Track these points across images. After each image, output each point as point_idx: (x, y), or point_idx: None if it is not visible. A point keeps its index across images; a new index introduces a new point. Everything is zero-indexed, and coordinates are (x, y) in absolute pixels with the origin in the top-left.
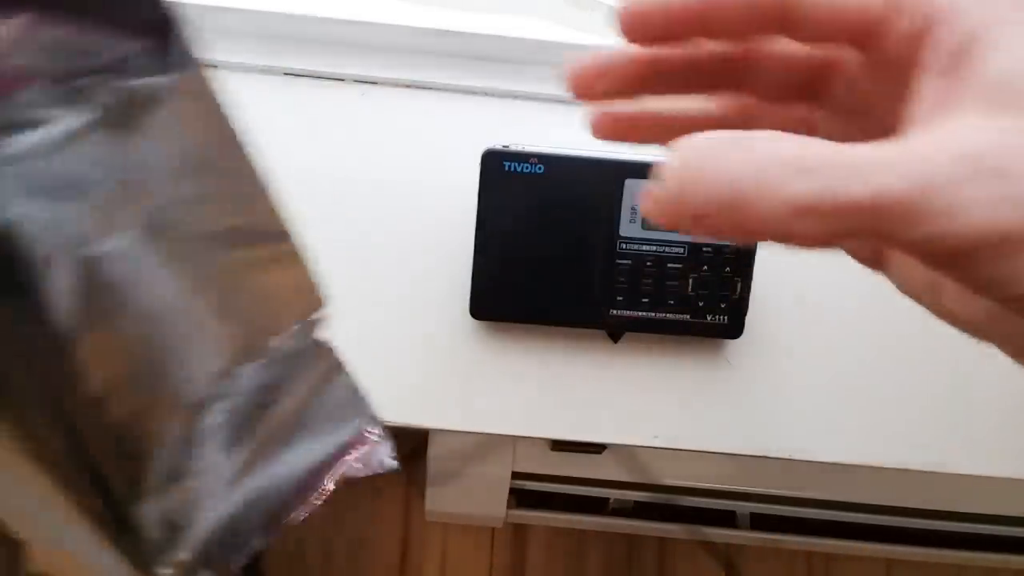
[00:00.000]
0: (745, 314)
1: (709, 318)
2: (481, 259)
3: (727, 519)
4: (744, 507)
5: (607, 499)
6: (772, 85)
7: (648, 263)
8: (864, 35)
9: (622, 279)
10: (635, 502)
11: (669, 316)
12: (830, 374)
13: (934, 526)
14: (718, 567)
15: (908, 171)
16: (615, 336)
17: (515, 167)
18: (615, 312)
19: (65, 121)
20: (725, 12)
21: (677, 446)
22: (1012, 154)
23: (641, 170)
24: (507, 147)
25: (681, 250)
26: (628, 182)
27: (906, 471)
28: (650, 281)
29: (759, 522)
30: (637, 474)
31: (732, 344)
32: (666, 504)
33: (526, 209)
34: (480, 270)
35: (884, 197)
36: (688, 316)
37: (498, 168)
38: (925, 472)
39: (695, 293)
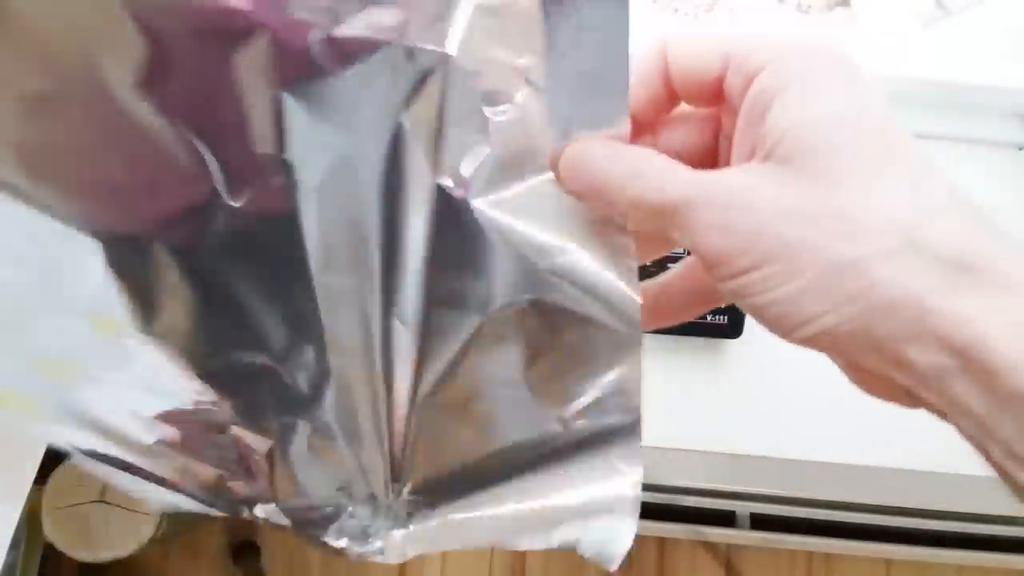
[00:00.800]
0: (745, 314)
1: (709, 318)
2: None
3: (727, 519)
4: (744, 507)
5: None
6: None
7: (648, 263)
8: (717, 93)
9: None
10: None
11: None
12: (829, 374)
13: (934, 526)
14: (718, 567)
15: (683, 191)
16: None
17: None
18: None
19: None
20: (640, 99)
21: (677, 446)
22: (739, 192)
23: None
24: None
25: (682, 249)
26: None
27: (906, 471)
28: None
29: (759, 522)
30: None
31: (732, 344)
32: (666, 504)
33: None
34: None
35: (665, 204)
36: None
37: None
38: (925, 472)
39: None
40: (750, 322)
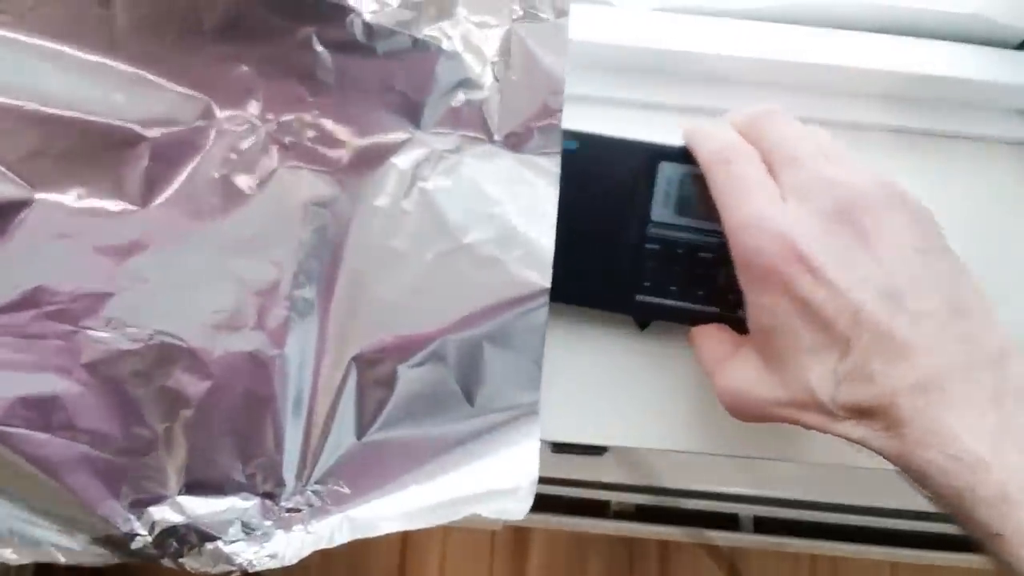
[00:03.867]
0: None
1: (739, 313)
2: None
3: (730, 522)
4: (747, 510)
5: (608, 502)
6: None
7: (679, 250)
8: None
9: (650, 264)
10: (637, 505)
11: (697, 307)
12: None
13: (939, 529)
14: (721, 570)
15: (713, 373)
16: (642, 323)
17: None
18: (641, 298)
19: None
20: None
21: (678, 448)
22: (737, 387)
23: (677, 155)
24: None
25: (715, 240)
26: (663, 165)
27: None
28: (679, 269)
29: (762, 525)
30: (639, 476)
31: None
32: (668, 507)
33: (570, 187)
34: None
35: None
36: (718, 309)
37: None
38: None
39: (726, 286)
40: None
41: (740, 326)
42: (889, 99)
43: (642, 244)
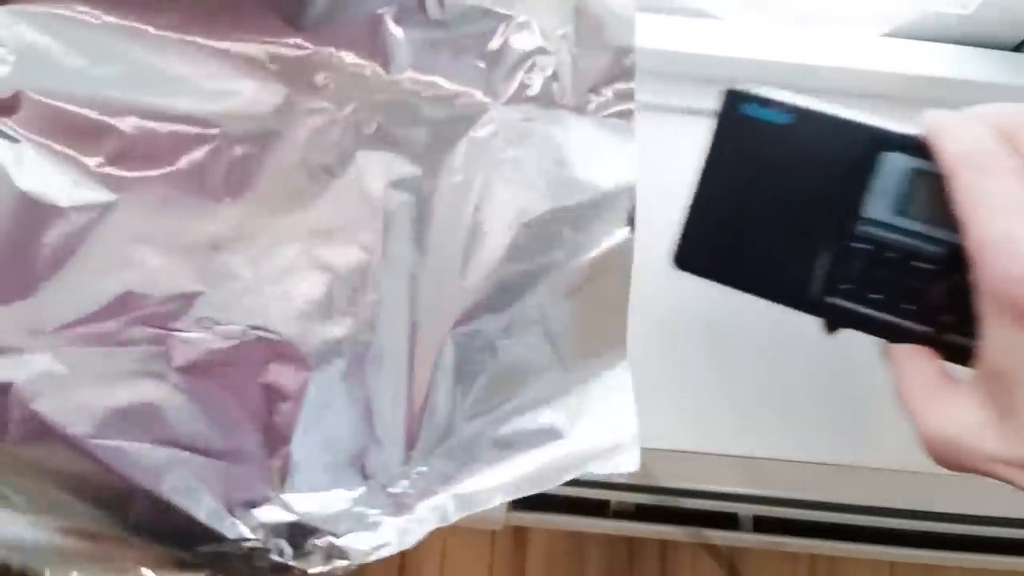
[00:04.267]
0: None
1: (952, 337)
2: (698, 204)
3: (729, 521)
4: (747, 509)
5: (608, 501)
6: None
7: (890, 255)
8: None
9: (854, 265)
10: (636, 504)
11: (904, 323)
12: (835, 375)
13: (939, 528)
14: (720, 570)
15: (924, 425)
16: (831, 325)
17: (757, 112)
18: (833, 300)
19: None
20: None
21: (678, 447)
22: (957, 439)
23: (907, 145)
24: (752, 91)
25: (938, 249)
26: (885, 155)
27: (910, 473)
28: (888, 276)
29: (762, 524)
30: (639, 476)
31: (735, 344)
32: (667, 506)
33: (759, 161)
34: (694, 216)
35: (916, 424)
36: (931, 329)
37: (738, 110)
38: (930, 474)
39: (944, 304)
40: (759, 321)
41: (950, 352)
42: (890, 100)
43: (847, 241)
